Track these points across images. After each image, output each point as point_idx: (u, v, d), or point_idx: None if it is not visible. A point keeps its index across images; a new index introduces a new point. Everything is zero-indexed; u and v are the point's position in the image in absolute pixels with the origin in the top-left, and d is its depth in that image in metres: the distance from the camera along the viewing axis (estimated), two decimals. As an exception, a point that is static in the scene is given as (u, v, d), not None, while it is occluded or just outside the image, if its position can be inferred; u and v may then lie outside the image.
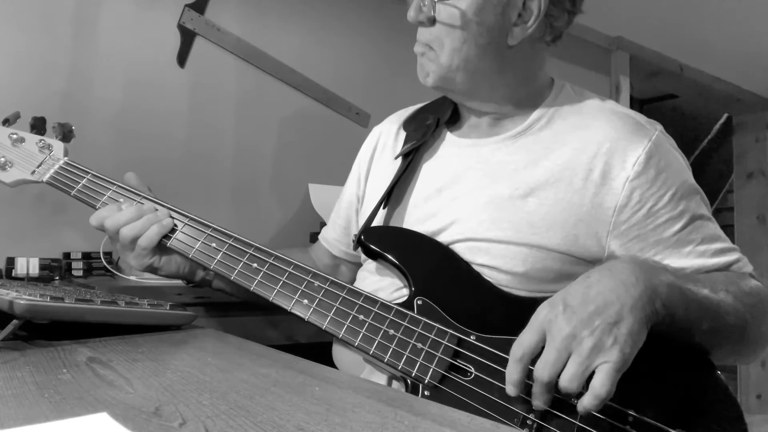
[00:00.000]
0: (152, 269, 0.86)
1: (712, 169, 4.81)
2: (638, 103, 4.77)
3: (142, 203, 0.86)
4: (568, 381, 0.59)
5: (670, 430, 0.63)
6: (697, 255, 0.76)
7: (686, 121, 4.68)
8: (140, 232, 0.82)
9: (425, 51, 0.83)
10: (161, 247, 0.85)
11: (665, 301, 0.64)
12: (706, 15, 2.58)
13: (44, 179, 0.90)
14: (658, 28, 2.72)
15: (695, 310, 0.67)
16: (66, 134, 0.96)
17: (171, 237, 0.84)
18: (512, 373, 0.62)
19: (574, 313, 0.61)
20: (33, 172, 0.91)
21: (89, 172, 0.90)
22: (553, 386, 0.61)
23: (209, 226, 0.85)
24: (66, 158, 0.93)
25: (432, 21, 0.80)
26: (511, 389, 0.62)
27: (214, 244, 0.83)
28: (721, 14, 2.58)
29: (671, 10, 2.54)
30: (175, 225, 0.85)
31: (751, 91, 3.52)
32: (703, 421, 0.67)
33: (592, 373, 0.59)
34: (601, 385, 0.58)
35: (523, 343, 0.62)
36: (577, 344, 0.59)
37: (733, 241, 0.80)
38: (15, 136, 0.93)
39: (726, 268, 0.77)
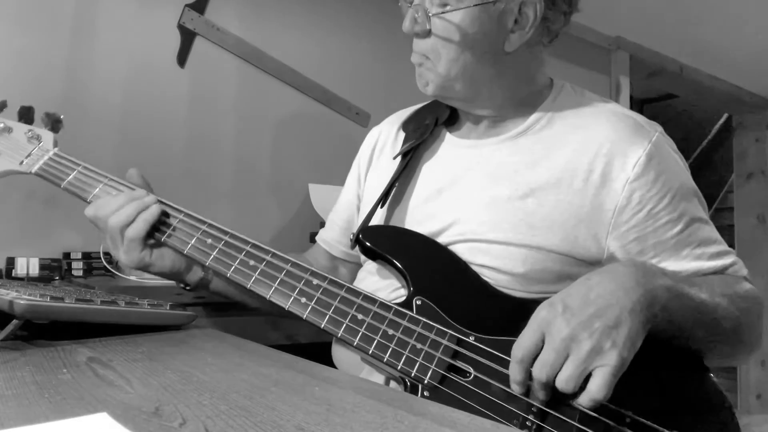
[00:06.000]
0: (144, 265, 0.83)
1: (712, 169, 4.81)
2: (638, 103, 4.77)
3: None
4: (564, 382, 0.60)
5: (666, 431, 0.64)
6: (694, 258, 0.76)
7: (686, 121, 4.68)
8: (128, 219, 0.79)
9: (423, 61, 0.82)
10: (155, 242, 0.83)
11: (664, 306, 0.64)
12: (706, 15, 2.58)
13: (33, 170, 0.87)
14: (658, 28, 2.72)
15: (692, 315, 0.68)
16: (54, 124, 0.92)
17: (166, 232, 0.82)
18: (515, 373, 0.63)
19: (573, 315, 0.61)
20: (21, 163, 0.88)
21: (80, 164, 0.87)
22: (551, 385, 0.61)
23: (204, 222, 0.83)
24: (56, 149, 0.90)
25: (427, 33, 0.80)
26: (516, 388, 0.64)
27: (209, 241, 0.82)
28: (721, 14, 2.58)
29: (671, 10, 2.54)
30: (170, 221, 0.83)
31: (751, 91, 3.52)
32: (698, 422, 0.68)
33: (590, 374, 0.60)
34: (597, 389, 0.59)
35: (523, 344, 0.62)
36: (575, 346, 0.60)
37: (733, 241, 0.80)
38: (2, 125, 0.90)
39: (722, 271, 0.78)
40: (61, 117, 0.93)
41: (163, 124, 1.62)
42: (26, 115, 0.92)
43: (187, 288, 0.92)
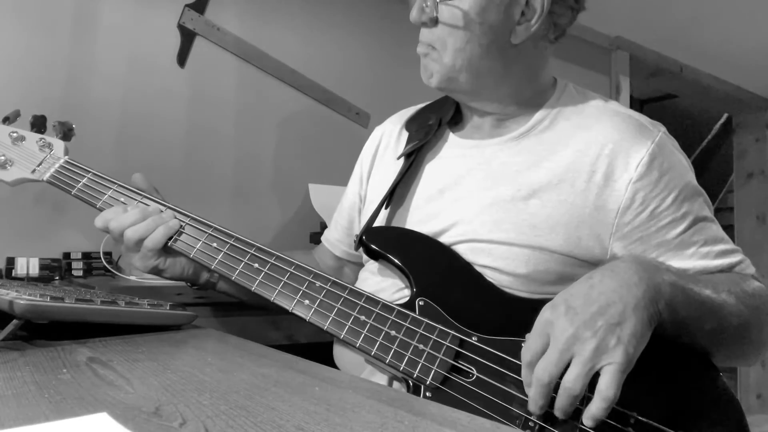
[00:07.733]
0: (157, 271, 0.86)
1: (711, 169, 4.80)
2: (638, 103, 4.77)
3: (147, 204, 0.86)
4: (572, 382, 0.58)
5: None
6: (700, 257, 0.75)
7: (686, 121, 4.68)
8: (145, 233, 0.82)
9: (428, 51, 0.82)
10: (166, 248, 0.84)
11: (668, 301, 0.64)
12: (706, 15, 2.58)
13: (44, 178, 0.90)
14: (658, 28, 2.71)
15: (698, 310, 0.67)
16: (66, 133, 0.95)
17: (173, 237, 0.84)
18: (526, 377, 0.62)
19: (576, 314, 0.60)
20: (33, 171, 0.91)
21: (90, 171, 0.90)
22: (551, 388, 0.60)
23: (210, 226, 0.85)
24: (66, 157, 0.93)
25: (434, 22, 0.80)
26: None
27: (215, 244, 0.83)
28: (721, 14, 2.57)
29: (671, 10, 2.54)
30: (181, 226, 0.85)
31: (751, 91, 3.52)
32: (705, 423, 0.67)
33: (596, 376, 0.59)
34: (607, 387, 0.57)
35: (531, 347, 0.62)
36: (579, 345, 0.59)
37: (733, 241, 0.80)
38: (15, 134, 0.93)
39: (729, 269, 0.77)
40: (73, 126, 0.97)
41: (163, 124, 1.62)
42: (39, 124, 0.95)
43: (195, 287, 0.93)
